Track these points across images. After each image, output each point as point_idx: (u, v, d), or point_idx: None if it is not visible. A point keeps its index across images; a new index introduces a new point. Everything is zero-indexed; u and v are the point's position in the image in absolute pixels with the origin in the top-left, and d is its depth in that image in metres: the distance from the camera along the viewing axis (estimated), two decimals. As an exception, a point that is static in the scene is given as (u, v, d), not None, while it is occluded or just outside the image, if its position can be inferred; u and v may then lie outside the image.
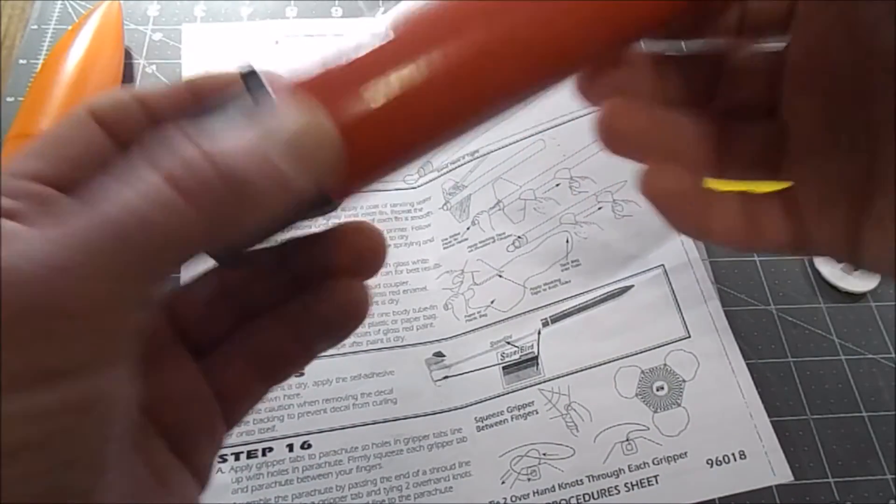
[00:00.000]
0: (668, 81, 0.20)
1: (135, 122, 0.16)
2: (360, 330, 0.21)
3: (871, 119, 0.17)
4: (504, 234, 0.39)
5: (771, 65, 0.20)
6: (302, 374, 0.35)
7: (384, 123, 0.16)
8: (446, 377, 0.36)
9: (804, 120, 0.19)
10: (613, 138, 0.19)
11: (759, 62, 0.20)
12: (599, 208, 0.39)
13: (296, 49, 0.45)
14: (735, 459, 0.33)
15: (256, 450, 0.33)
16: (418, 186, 0.42)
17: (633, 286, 0.37)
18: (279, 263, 0.19)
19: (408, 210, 0.41)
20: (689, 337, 0.35)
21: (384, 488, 0.33)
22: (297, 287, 0.19)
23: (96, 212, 0.12)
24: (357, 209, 0.40)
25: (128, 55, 0.44)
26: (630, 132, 0.19)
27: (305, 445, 0.33)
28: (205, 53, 0.45)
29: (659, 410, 0.34)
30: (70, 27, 0.41)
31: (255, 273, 0.19)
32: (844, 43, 0.17)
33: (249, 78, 0.16)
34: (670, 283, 0.37)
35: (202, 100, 0.17)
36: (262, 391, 0.19)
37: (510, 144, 0.42)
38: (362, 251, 0.19)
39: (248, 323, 0.19)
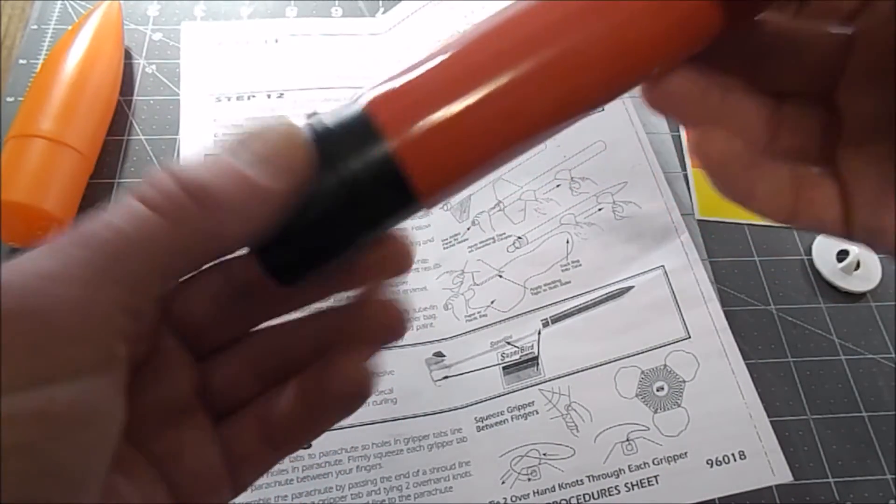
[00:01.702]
0: (718, 58, 0.20)
1: None
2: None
3: None
4: (504, 234, 0.39)
5: (828, 50, 0.19)
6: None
7: (459, 131, 0.17)
8: (446, 377, 0.36)
9: (861, 111, 0.19)
10: (662, 98, 0.19)
11: (816, 46, 0.20)
12: (600, 209, 0.39)
13: (296, 48, 0.45)
14: (735, 459, 0.33)
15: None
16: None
17: (633, 287, 0.37)
18: (307, 324, 0.20)
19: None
20: (689, 338, 0.35)
21: (384, 488, 0.33)
22: (314, 353, 0.20)
23: (79, 230, 0.14)
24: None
25: (128, 55, 0.44)
26: (682, 96, 0.19)
27: (305, 445, 0.33)
28: (205, 53, 0.45)
29: (659, 411, 0.34)
30: (70, 27, 0.41)
31: (280, 333, 0.20)
32: None
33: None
34: (670, 284, 0.37)
35: None
36: (273, 460, 0.20)
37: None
38: (384, 327, 0.20)
39: (268, 391, 0.20)
